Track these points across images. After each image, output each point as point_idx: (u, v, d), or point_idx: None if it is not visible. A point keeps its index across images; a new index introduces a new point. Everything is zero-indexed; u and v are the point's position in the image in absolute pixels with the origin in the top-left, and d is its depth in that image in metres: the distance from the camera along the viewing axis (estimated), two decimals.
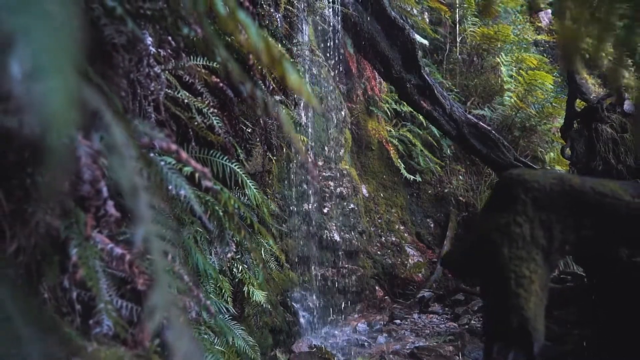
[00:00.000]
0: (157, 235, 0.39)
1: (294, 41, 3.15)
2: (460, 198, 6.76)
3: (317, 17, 3.84)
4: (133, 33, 0.74)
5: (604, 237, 1.02)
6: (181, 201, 1.23)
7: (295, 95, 3.19)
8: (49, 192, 0.73)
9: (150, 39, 1.28)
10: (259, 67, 1.61)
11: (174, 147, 0.69)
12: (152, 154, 1.01)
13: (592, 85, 10.49)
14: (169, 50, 1.33)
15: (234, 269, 2.79)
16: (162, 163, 0.95)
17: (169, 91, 1.39)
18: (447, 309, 4.97)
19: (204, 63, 1.54)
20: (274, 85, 1.95)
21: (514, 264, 0.94)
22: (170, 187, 1.03)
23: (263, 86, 1.69)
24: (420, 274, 5.84)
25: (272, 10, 2.21)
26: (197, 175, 1.14)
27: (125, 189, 0.35)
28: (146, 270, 0.98)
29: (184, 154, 0.69)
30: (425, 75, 4.04)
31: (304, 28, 3.29)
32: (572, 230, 0.98)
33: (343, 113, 5.54)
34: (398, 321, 4.61)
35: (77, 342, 0.87)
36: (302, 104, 3.44)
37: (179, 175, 0.98)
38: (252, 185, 1.95)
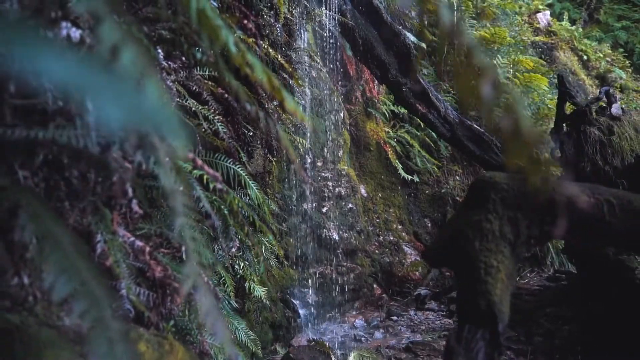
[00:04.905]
0: (188, 225, 0.52)
1: (294, 47, 3.28)
2: (457, 198, 6.88)
3: (316, 24, 3.98)
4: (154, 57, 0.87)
5: (565, 232, 1.15)
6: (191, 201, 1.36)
7: (296, 99, 3.32)
8: (84, 192, 0.87)
9: (162, 53, 1.41)
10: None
11: (191, 155, 0.82)
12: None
13: (590, 87, 10.62)
14: (178, 63, 1.47)
15: (236, 266, 2.92)
16: None
17: (178, 100, 1.52)
18: (443, 306, 5.10)
19: (210, 74, 1.67)
20: None
21: (484, 255, 1.08)
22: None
23: (264, 94, 1.83)
24: (417, 272, 5.95)
25: (272, 20, 2.35)
26: (205, 177, 1.28)
27: (167, 192, 0.47)
28: (162, 260, 1.11)
29: (199, 161, 0.82)
30: (421, 79, 4.18)
31: (303, 34, 3.43)
32: (536, 226, 1.12)
33: (342, 115, 5.65)
34: (395, 318, 4.74)
35: None
36: (301, 108, 3.58)
37: (190, 177, 1.12)
38: (254, 185, 2.08)
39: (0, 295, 0.73)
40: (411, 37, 4.65)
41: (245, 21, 1.41)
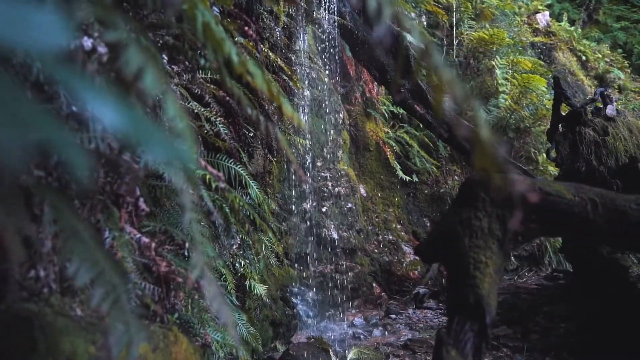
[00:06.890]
0: (195, 220, 0.57)
1: (294, 49, 3.34)
2: None
3: (316, 26, 4.03)
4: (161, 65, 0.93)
5: (549, 228, 1.21)
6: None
7: (296, 100, 3.38)
8: (93, 191, 0.93)
9: (165, 58, 1.47)
10: None
11: (195, 156, 0.87)
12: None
13: (589, 87, 10.67)
14: (181, 67, 1.52)
15: (237, 264, 2.98)
16: None
17: (181, 102, 1.58)
18: (441, 304, 5.15)
19: (211, 77, 1.73)
20: None
21: (473, 251, 1.13)
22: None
23: (264, 96, 1.88)
24: (416, 272, 6.00)
25: (272, 24, 2.40)
26: (207, 177, 1.33)
27: (177, 189, 0.53)
28: (166, 256, 1.17)
29: (202, 162, 0.88)
30: (419, 80, 4.23)
31: (303, 37, 3.48)
32: (522, 223, 1.17)
33: (341, 115, 5.70)
34: (393, 316, 4.79)
35: None
36: (301, 109, 3.63)
37: (194, 177, 1.18)
38: (255, 185, 2.14)
39: (18, 287, 0.79)
40: (410, 39, 4.70)
41: (246, 27, 1.47)
